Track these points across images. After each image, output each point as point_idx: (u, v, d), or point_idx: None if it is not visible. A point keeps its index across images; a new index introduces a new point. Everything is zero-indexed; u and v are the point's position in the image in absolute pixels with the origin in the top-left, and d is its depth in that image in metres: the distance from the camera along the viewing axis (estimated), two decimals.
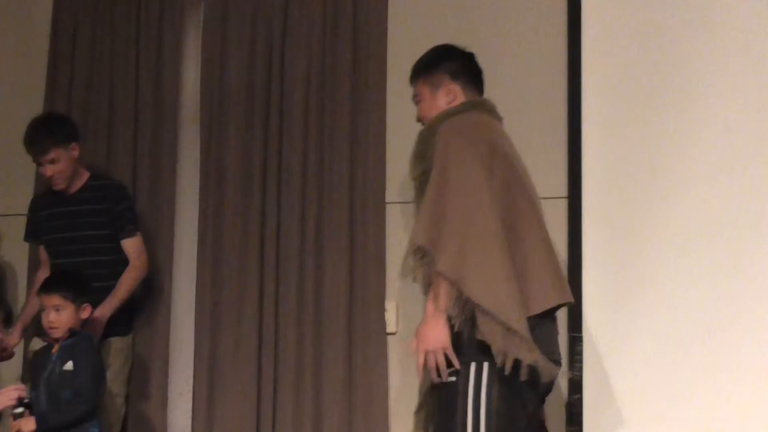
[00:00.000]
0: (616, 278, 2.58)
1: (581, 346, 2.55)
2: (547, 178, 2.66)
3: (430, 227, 1.93)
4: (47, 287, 2.62)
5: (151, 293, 3.07)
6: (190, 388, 2.99)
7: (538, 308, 1.91)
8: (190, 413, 2.98)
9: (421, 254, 1.92)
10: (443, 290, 1.86)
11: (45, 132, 2.84)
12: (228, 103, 3.09)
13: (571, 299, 2.10)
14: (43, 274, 2.96)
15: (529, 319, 1.89)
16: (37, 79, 3.34)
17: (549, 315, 1.97)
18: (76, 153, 2.87)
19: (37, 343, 2.86)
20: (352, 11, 2.94)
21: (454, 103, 2.21)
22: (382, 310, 2.87)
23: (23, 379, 2.98)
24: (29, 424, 2.49)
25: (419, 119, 2.31)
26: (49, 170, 2.82)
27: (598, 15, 2.79)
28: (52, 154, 2.79)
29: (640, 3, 2.76)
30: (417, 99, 2.29)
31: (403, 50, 2.90)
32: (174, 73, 3.18)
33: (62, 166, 2.83)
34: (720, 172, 2.53)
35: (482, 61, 2.86)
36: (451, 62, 2.27)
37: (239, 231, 3.00)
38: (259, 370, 2.89)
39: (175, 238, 3.11)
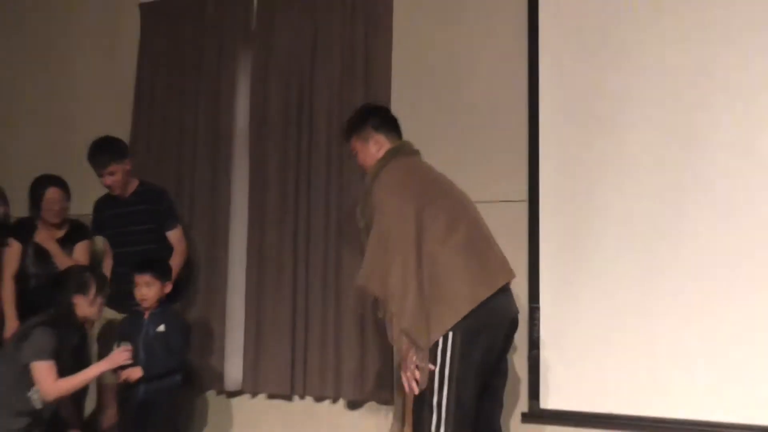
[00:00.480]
0: (566, 262, 2.87)
1: (539, 313, 2.87)
2: (510, 185, 2.99)
3: (366, 273, 2.22)
4: (140, 268, 2.94)
5: (212, 275, 3.42)
6: (242, 347, 3.35)
7: (495, 286, 2.23)
8: (242, 367, 3.33)
9: (362, 293, 2.30)
10: (394, 324, 2.14)
11: (105, 151, 3.15)
12: (270, 128, 3.41)
13: (514, 276, 2.37)
14: (108, 260, 3.32)
15: (493, 295, 2.20)
16: (126, 108, 3.79)
17: (504, 289, 2.28)
18: (128, 167, 3.19)
19: (108, 313, 3.13)
20: (363, 58, 3.24)
21: (382, 150, 2.44)
22: None
23: (98, 340, 3.30)
24: (137, 372, 2.80)
25: (359, 167, 2.57)
26: (108, 180, 3.15)
27: (554, 44, 3.01)
28: (111, 168, 3.12)
29: (586, 35, 2.96)
30: (354, 152, 2.54)
31: (402, 89, 3.22)
32: (229, 106, 3.55)
33: (118, 177, 3.15)
34: (649, 176, 2.78)
35: (458, 89, 3.13)
36: (373, 118, 2.50)
37: (278, 226, 3.32)
38: (293, 333, 3.23)
39: (230, 233, 3.47)
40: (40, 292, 3.22)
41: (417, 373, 2.10)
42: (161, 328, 2.91)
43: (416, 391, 2.11)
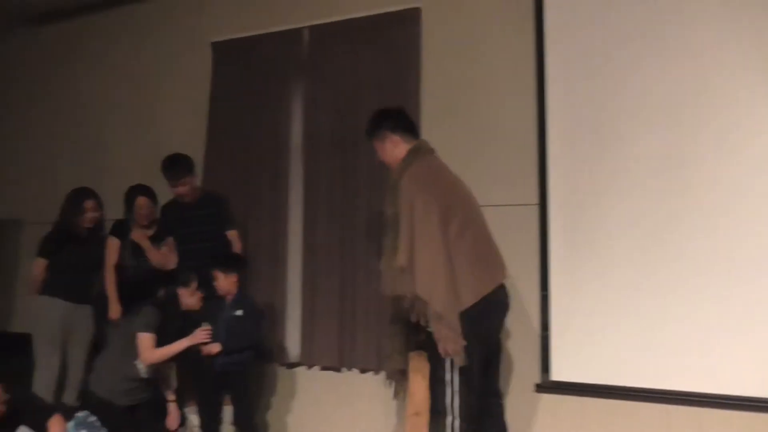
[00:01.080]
0: (573, 256, 3.08)
1: (549, 300, 3.10)
2: (523, 191, 3.22)
3: (405, 254, 2.32)
4: (219, 263, 3.23)
5: (274, 267, 3.75)
6: (299, 327, 3.67)
7: (494, 284, 2.43)
8: (299, 343, 3.65)
9: (400, 271, 2.32)
10: (431, 307, 2.26)
11: (179, 165, 3.50)
12: (320, 144, 3.73)
13: (507, 272, 2.54)
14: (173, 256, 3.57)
15: (491, 292, 2.38)
16: (201, 128, 4.16)
17: (501, 286, 2.50)
18: (196, 178, 3.58)
19: None
20: (397, 84, 3.53)
21: (399, 149, 2.55)
22: None
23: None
24: (216, 347, 3.12)
25: (380, 162, 2.72)
26: (181, 190, 3.50)
27: (559, 62, 3.16)
28: (184, 180, 3.47)
29: (589, 54, 3.11)
30: (376, 150, 2.69)
31: (429, 109, 3.45)
32: (286, 126, 3.88)
33: (189, 187, 3.51)
34: (648, 178, 2.97)
35: (476, 107, 3.29)
36: (388, 121, 2.61)
37: (328, 225, 3.63)
38: (342, 315, 3.53)
39: (288, 231, 3.79)
40: (136, 280, 3.62)
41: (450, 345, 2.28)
42: (239, 312, 3.22)
43: (446, 353, 2.29)
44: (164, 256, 3.67)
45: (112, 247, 3.69)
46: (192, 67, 4.35)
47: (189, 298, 3.25)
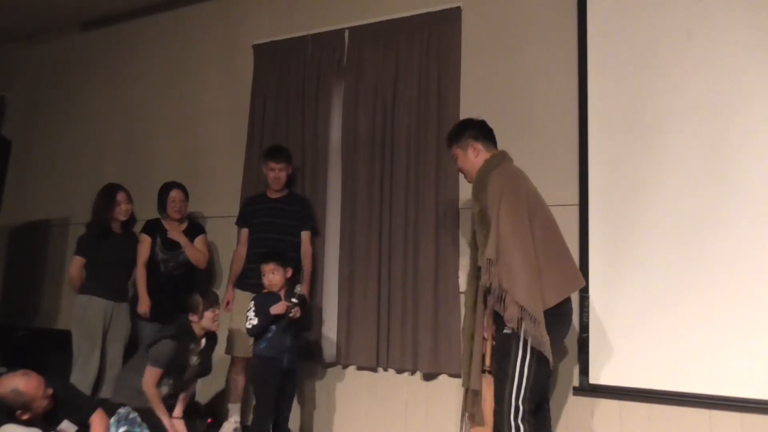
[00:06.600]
0: (612, 258, 3.07)
1: (588, 301, 3.08)
2: (563, 191, 3.20)
3: (493, 247, 2.36)
4: (266, 258, 3.17)
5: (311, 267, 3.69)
6: (336, 327, 3.71)
7: (565, 295, 2.44)
8: (336, 343, 3.70)
9: (489, 263, 2.34)
10: (509, 297, 2.29)
11: (283, 151, 3.60)
12: (358, 144, 3.78)
13: (583, 283, 2.62)
14: (242, 249, 3.64)
15: (565, 301, 2.41)
16: (242, 129, 4.24)
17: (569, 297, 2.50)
18: (290, 170, 3.64)
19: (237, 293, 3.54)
20: (436, 87, 3.56)
21: (479, 157, 2.60)
22: (456, 277, 3.37)
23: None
24: (297, 311, 3.07)
25: (459, 170, 2.77)
26: (276, 174, 3.54)
27: (600, 67, 3.16)
28: (282, 165, 3.56)
29: (629, 59, 3.10)
30: (454, 158, 2.74)
31: (469, 110, 3.28)
32: (325, 127, 3.94)
33: (283, 174, 3.57)
34: (686, 182, 2.96)
35: (517, 110, 3.30)
36: (470, 129, 2.67)
37: (366, 226, 3.66)
38: (378, 316, 3.55)
39: (326, 232, 3.84)
40: (167, 275, 3.73)
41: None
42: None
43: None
44: (200, 252, 3.74)
45: (144, 244, 3.77)
46: (233, 69, 4.42)
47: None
